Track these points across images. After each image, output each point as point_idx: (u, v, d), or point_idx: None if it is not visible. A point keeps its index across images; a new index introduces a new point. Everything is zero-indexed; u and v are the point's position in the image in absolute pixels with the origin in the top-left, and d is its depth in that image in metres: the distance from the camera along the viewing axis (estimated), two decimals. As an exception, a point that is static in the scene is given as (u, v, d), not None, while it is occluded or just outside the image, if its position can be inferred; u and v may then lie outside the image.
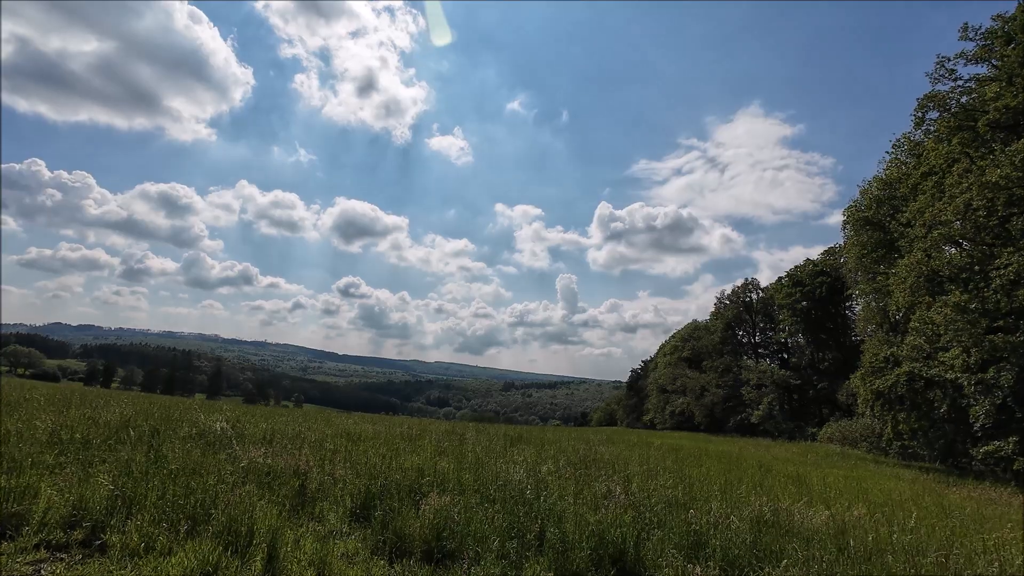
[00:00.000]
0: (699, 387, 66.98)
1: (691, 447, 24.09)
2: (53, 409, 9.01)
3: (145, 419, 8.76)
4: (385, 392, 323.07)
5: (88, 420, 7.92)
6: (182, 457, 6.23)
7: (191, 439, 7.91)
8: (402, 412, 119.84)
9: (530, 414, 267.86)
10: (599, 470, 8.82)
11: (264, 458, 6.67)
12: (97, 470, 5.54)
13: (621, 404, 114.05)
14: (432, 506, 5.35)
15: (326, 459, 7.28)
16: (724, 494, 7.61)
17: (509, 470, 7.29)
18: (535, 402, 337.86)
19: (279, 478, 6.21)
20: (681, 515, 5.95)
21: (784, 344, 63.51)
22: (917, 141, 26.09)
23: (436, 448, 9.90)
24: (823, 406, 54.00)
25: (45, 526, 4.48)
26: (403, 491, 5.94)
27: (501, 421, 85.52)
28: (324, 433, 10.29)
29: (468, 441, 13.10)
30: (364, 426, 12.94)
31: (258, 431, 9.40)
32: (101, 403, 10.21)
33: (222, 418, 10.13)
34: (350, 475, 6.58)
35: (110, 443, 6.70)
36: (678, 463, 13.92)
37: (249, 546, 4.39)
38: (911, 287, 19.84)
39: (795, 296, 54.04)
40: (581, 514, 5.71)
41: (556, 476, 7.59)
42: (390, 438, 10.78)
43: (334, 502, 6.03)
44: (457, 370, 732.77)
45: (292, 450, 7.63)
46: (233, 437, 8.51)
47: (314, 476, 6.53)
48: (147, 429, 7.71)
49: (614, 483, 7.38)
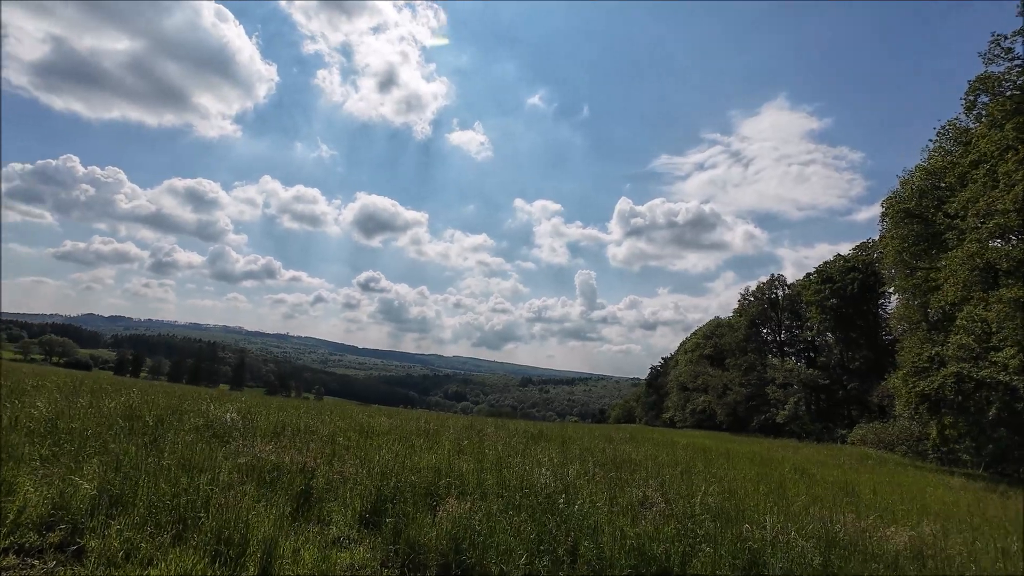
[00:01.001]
0: (721, 385, 65.43)
1: (718, 447, 23.14)
2: (61, 397, 8.68)
3: (152, 409, 8.36)
4: (404, 386, 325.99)
5: (91, 409, 7.54)
6: (181, 451, 5.74)
7: (197, 431, 7.46)
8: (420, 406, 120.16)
9: (547, 410, 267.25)
10: (631, 473, 8.12)
11: (269, 454, 6.15)
12: (87, 464, 5.08)
13: (640, 401, 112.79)
14: (450, 512, 4.74)
15: (336, 455, 6.74)
16: (776, 503, 6.84)
17: (534, 472, 6.65)
18: (552, 398, 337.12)
19: (284, 476, 5.67)
20: (732, 529, 5.22)
21: (811, 342, 61.47)
22: (965, 128, 24.49)
23: (454, 445, 9.32)
24: (852, 407, 52.14)
25: (19, 527, 4.00)
26: (418, 494, 5.35)
27: (518, 417, 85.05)
28: (337, 427, 9.79)
29: (488, 438, 12.52)
30: (379, 420, 12.44)
31: (269, 424, 8.94)
32: (111, 391, 9.90)
33: (233, 409, 9.72)
34: (361, 474, 6.02)
35: (110, 433, 6.26)
36: (709, 465, 13.11)
37: (241, 556, 3.84)
38: (964, 281, 18.51)
39: (824, 293, 52.12)
40: (618, 525, 5.03)
41: (586, 479, 6.92)
42: (406, 433, 10.24)
43: (342, 504, 5.46)
44: (475, 365, 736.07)
45: (300, 445, 7.11)
46: (241, 430, 8.05)
47: (321, 474, 5.98)
48: (151, 420, 7.29)
49: (650, 489, 6.69)
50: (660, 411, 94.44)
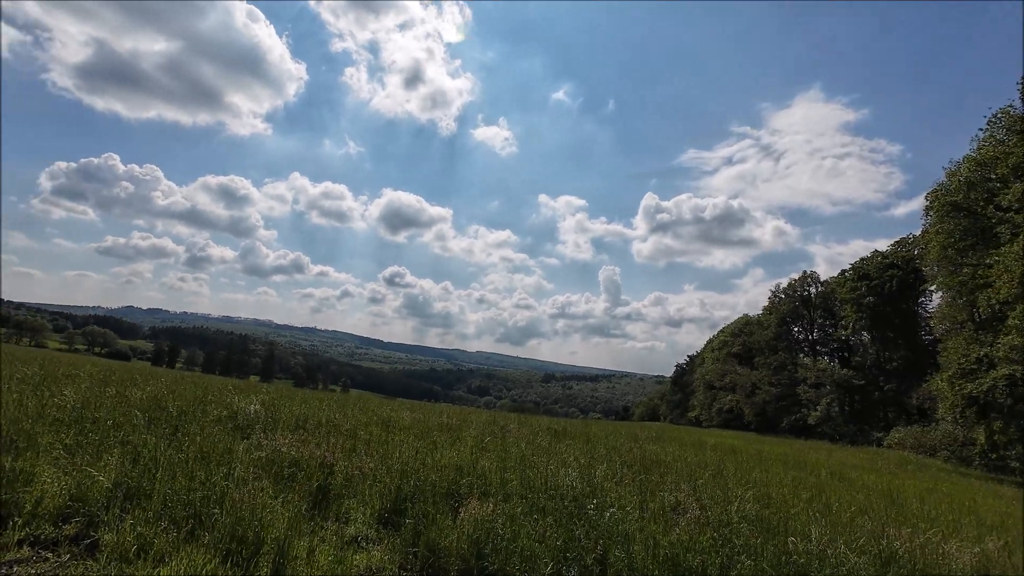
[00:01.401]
0: (750, 384, 63.83)
1: (747, 448, 22.44)
2: (90, 386, 8.81)
3: (176, 399, 8.40)
4: (428, 380, 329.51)
5: (118, 399, 7.59)
6: (200, 443, 5.66)
7: (219, 422, 7.43)
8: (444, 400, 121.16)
9: (570, 406, 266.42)
10: (661, 475, 7.75)
11: (289, 447, 6.04)
12: (107, 455, 5.03)
13: (665, 399, 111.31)
14: (472, 514, 4.51)
15: (356, 450, 6.60)
16: (819, 512, 6.39)
17: (560, 472, 6.38)
18: (575, 394, 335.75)
19: (303, 470, 5.54)
20: (773, 540, 4.84)
21: (845, 342, 59.34)
22: (1021, 115, 23.00)
23: (477, 442, 9.11)
24: (889, 409, 50.16)
25: (36, 518, 3.94)
26: (439, 494, 5.14)
27: (541, 412, 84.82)
28: (359, 420, 9.70)
29: (511, 434, 12.30)
30: (402, 414, 12.34)
31: (291, 416, 8.89)
32: (139, 381, 10.03)
33: (256, 401, 9.72)
34: (381, 470, 5.85)
35: (132, 424, 6.25)
36: (740, 467, 12.60)
37: (254, 556, 3.68)
38: (1020, 277, 17.35)
39: (861, 290, 50.20)
40: (649, 533, 4.71)
41: (614, 482, 6.61)
42: (428, 428, 10.09)
43: (361, 501, 5.30)
44: (498, 360, 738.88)
45: (321, 439, 6.99)
46: (263, 421, 8.00)
47: (340, 469, 5.83)
48: (175, 410, 7.29)
49: (682, 493, 6.33)
50: (685, 409, 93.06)
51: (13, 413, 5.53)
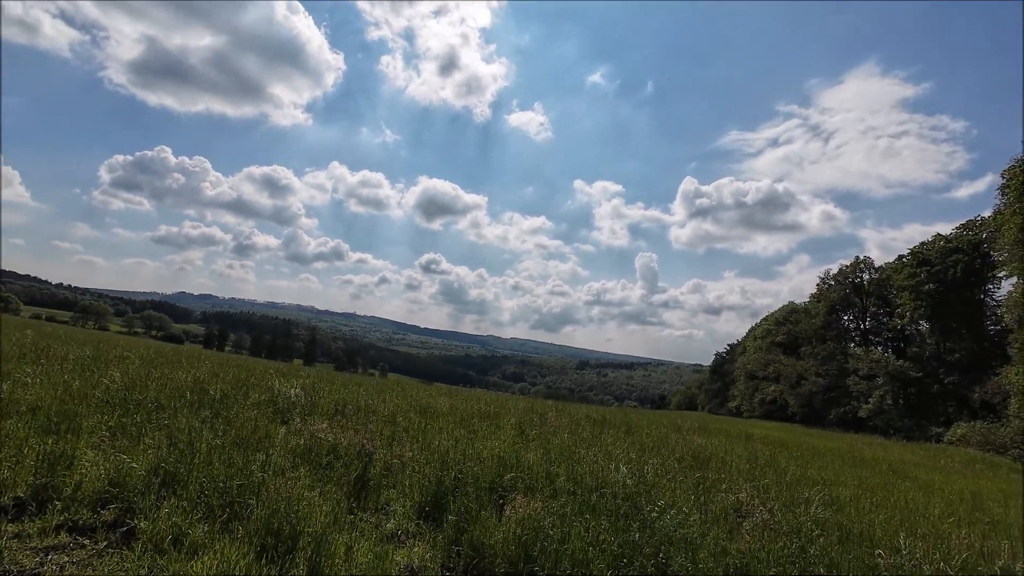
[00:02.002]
0: (795, 375, 61.38)
1: (797, 442, 21.40)
2: (138, 367, 8.98)
3: (219, 382, 8.44)
4: (463, 365, 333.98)
5: (163, 381, 7.66)
6: (238, 428, 5.56)
7: (259, 406, 7.38)
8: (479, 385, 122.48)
9: (605, 394, 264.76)
10: (718, 472, 7.24)
11: (327, 433, 5.87)
12: (147, 438, 4.97)
13: (703, 389, 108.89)
14: (518, 512, 4.18)
15: (395, 438, 6.39)
16: (901, 518, 5.76)
17: (609, 467, 5.98)
18: (610, 382, 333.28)
19: (341, 458, 5.35)
20: (853, 550, 4.31)
21: (901, 331, 56.03)
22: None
23: (517, 430, 8.81)
24: (949, 403, 47.12)
25: (74, 502, 3.85)
26: (481, 488, 4.84)
27: (575, 400, 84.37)
28: (397, 406, 9.56)
29: (550, 422, 11.97)
30: (439, 400, 12.19)
31: (330, 401, 8.82)
32: (185, 364, 10.21)
33: (297, 384, 9.72)
34: (420, 460, 5.61)
35: (173, 407, 6.23)
36: (794, 463, 11.87)
37: (290, 552, 3.46)
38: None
39: (920, 277, 47.07)
40: (712, 537, 4.27)
41: (668, 478, 6.15)
42: (466, 415, 9.86)
43: (400, 492, 5.07)
44: (533, 347, 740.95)
45: (359, 425, 6.83)
46: (302, 406, 7.93)
47: (379, 458, 5.62)
48: (217, 394, 7.28)
49: (744, 493, 5.82)
50: (725, 399, 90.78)
51: (60, 394, 5.57)
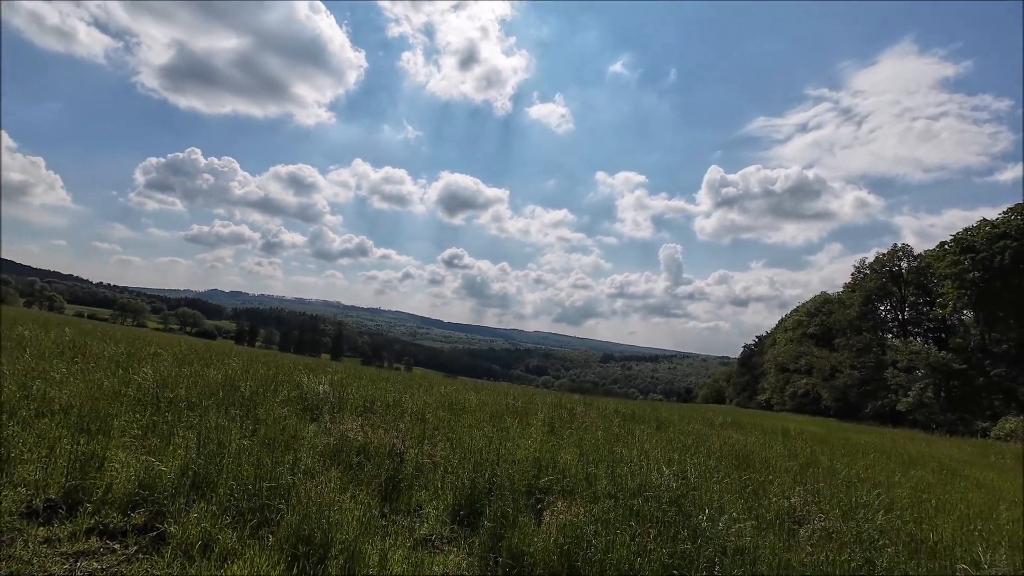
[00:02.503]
0: (829, 367, 59.53)
1: (835, 437, 20.63)
2: (171, 365, 9.05)
3: (249, 379, 8.43)
4: (487, 359, 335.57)
5: (194, 379, 7.67)
6: (267, 428, 5.46)
7: (289, 403, 7.32)
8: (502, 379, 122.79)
9: (629, 387, 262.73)
10: (763, 472, 6.86)
11: (357, 432, 5.74)
12: (177, 437, 4.90)
13: (731, 381, 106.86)
14: (558, 518, 3.94)
15: (425, 436, 6.23)
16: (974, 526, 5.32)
17: (649, 468, 5.68)
18: (635, 375, 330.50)
19: (372, 458, 5.20)
20: (927, 564, 3.94)
21: (943, 321, 53.65)
22: None
23: (548, 428, 8.57)
24: (995, 396, 44.95)
25: (104, 504, 3.78)
26: (518, 490, 4.61)
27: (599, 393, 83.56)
28: (425, 402, 9.43)
29: (579, 418, 11.71)
30: (467, 395, 12.04)
31: (359, 397, 8.73)
32: (215, 361, 10.28)
33: (326, 381, 9.68)
34: (453, 460, 5.42)
35: (203, 406, 6.19)
36: (839, 461, 11.33)
37: (322, 561, 3.30)
38: None
39: (964, 264, 44.87)
40: (767, 547, 3.95)
41: (714, 479, 5.81)
42: (496, 412, 9.67)
43: (433, 494, 4.89)
44: (556, 340, 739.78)
45: (389, 424, 6.69)
46: (332, 403, 7.85)
47: (410, 458, 5.45)
48: (247, 391, 7.24)
49: (796, 496, 5.45)
50: (754, 392, 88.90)
51: (93, 393, 5.57)
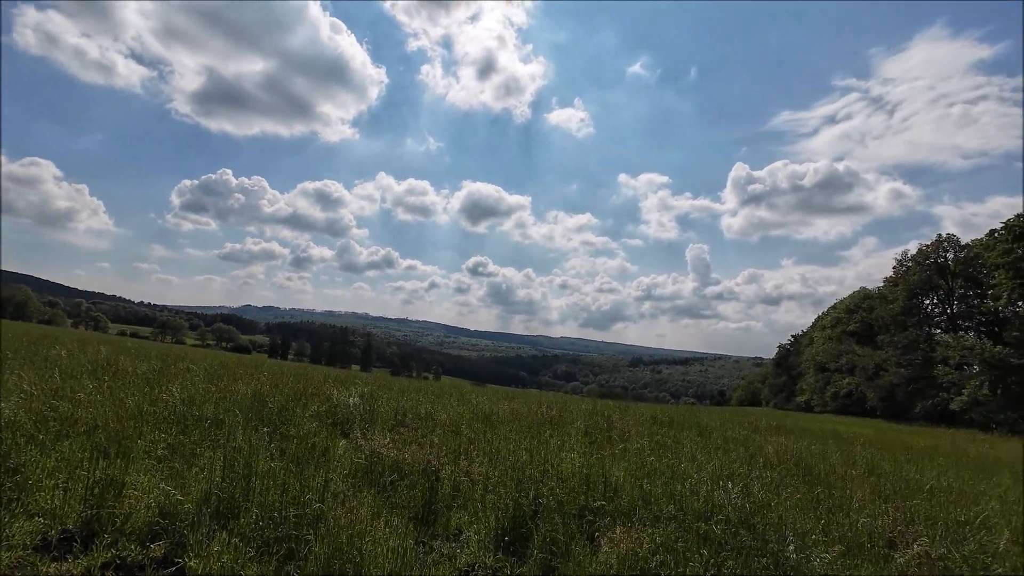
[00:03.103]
0: (872, 365, 56.83)
1: (889, 440, 19.38)
2: (200, 381, 8.93)
3: (278, 394, 8.21)
4: (514, 366, 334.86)
5: (222, 395, 7.47)
6: (296, 447, 5.15)
7: (318, 418, 7.04)
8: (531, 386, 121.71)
9: (660, 391, 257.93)
10: (831, 484, 6.20)
11: (389, 448, 5.38)
12: (201, 458, 4.63)
13: (767, 383, 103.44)
14: (618, 547, 3.46)
15: (461, 451, 5.83)
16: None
17: (709, 482, 5.12)
18: (665, 379, 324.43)
19: (405, 477, 4.82)
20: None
21: (996, 314, 50.57)
22: None
23: (589, 437, 8.06)
24: (1059, 392, 41.98)
25: (123, 535, 3.49)
26: (567, 512, 4.15)
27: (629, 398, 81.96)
28: (458, 413, 9.05)
29: (616, 425, 11.14)
30: (500, 405, 11.62)
31: (389, 409, 8.41)
32: (243, 376, 10.15)
33: (356, 393, 9.41)
34: (492, 477, 5.00)
35: (234, 422, 5.94)
36: (904, 467, 10.43)
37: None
38: None
39: (1018, 252, 42.23)
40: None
41: (781, 494, 5.22)
42: (532, 422, 9.22)
43: (472, 515, 4.47)
44: (583, 345, 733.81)
45: (422, 438, 6.32)
46: (362, 415, 7.55)
47: (447, 475, 5.06)
48: (275, 406, 7.00)
49: (887, 515, 4.81)
50: (791, 394, 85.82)
51: (117, 413, 5.37)
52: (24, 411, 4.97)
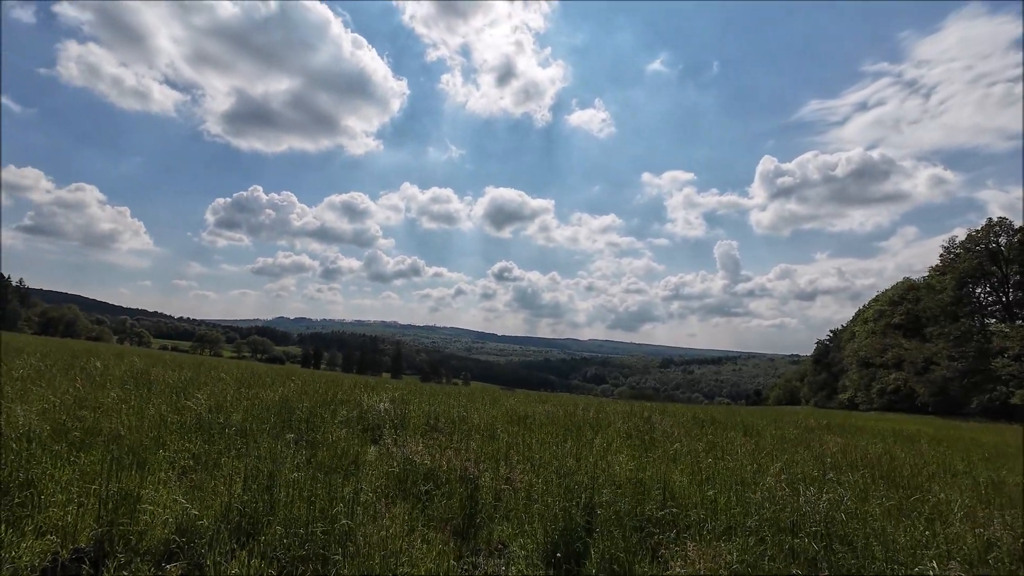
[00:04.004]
0: (922, 359, 53.88)
1: (951, 437, 18.04)
2: (226, 388, 8.77)
3: (307, 399, 7.95)
4: (543, 370, 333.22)
5: (248, 402, 7.24)
6: (323, 454, 4.80)
7: (347, 424, 6.72)
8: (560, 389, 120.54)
9: (693, 391, 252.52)
10: (920, 489, 5.50)
11: (423, 455, 4.98)
12: (226, 468, 4.32)
13: (805, 381, 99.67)
14: (693, 567, 2.95)
15: (500, 456, 5.39)
16: None
17: (785, 488, 4.52)
18: (697, 379, 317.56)
19: (441, 486, 4.41)
20: None
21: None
22: None
23: (633, 438, 7.51)
24: None
25: (137, 555, 3.17)
26: (626, 524, 3.65)
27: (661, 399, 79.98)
28: (493, 416, 8.61)
29: (657, 426, 10.52)
30: (534, 407, 11.15)
31: (421, 413, 8.05)
32: (271, 383, 9.98)
33: (386, 398, 9.09)
34: (536, 483, 4.54)
35: (261, 429, 5.66)
36: (980, 467, 9.50)
37: (390, 635, 2.51)
38: None
39: (1080, 234, 39.46)
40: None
41: (871, 500, 4.57)
42: (570, 423, 8.71)
43: (517, 527, 4.02)
44: (612, 347, 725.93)
45: (458, 443, 5.90)
46: (393, 420, 7.19)
47: (486, 483, 4.62)
48: (303, 413, 6.71)
49: (999, 524, 4.14)
50: (833, 391, 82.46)
51: (137, 423, 5.13)
52: (43, 420, 4.77)
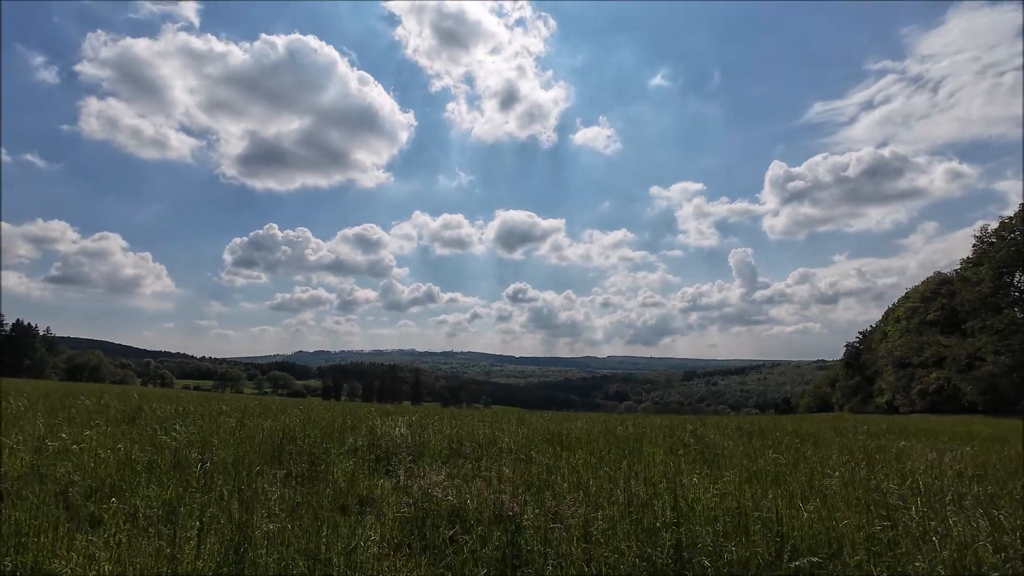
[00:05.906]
0: (965, 356, 51.12)
1: None
2: (213, 421, 7.86)
3: (312, 427, 7.00)
4: (563, 390, 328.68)
5: (240, 434, 6.30)
6: (329, 487, 3.82)
7: (356, 453, 5.73)
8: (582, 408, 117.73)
9: (718, 403, 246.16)
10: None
11: (445, 489, 3.96)
12: (196, 519, 3.36)
13: (836, 386, 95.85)
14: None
15: (542, 484, 4.34)
16: None
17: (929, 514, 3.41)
18: (722, 390, 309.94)
19: (471, 528, 3.38)
20: None
21: (1106, 285, 44.74)
22: None
23: (670, 454, 6.38)
24: None
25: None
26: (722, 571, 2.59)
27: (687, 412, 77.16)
28: (524, 435, 7.54)
29: (709, 440, 9.35)
30: (567, 425, 10.04)
31: (442, 438, 7.02)
32: (275, 412, 9.06)
33: (402, 423, 8.10)
34: (595, 518, 3.49)
35: (250, 462, 4.71)
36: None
37: None
38: None
39: (1126, 212, 37.30)
40: None
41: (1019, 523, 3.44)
42: (614, 440, 7.60)
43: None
44: (632, 363, 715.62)
45: (486, 469, 4.87)
46: (410, 446, 6.19)
47: (529, 520, 3.57)
48: (305, 443, 5.75)
49: None
50: (868, 395, 78.93)
51: (90, 464, 4.21)
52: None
